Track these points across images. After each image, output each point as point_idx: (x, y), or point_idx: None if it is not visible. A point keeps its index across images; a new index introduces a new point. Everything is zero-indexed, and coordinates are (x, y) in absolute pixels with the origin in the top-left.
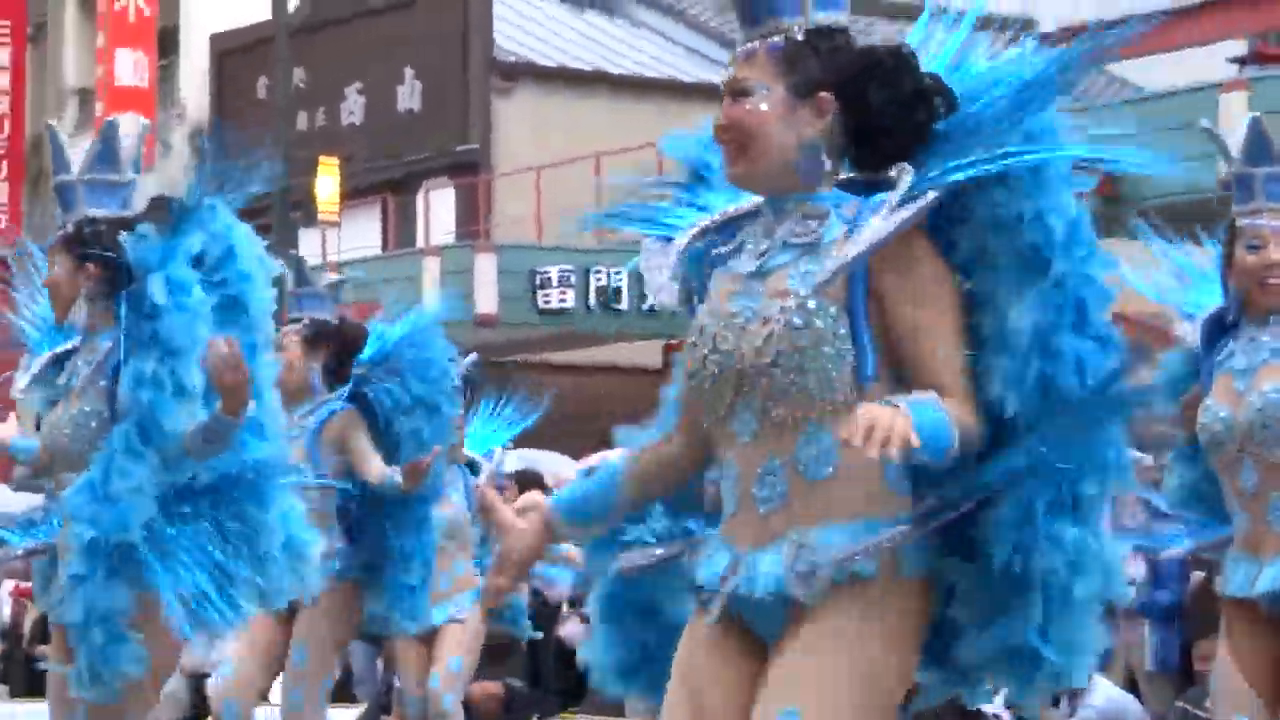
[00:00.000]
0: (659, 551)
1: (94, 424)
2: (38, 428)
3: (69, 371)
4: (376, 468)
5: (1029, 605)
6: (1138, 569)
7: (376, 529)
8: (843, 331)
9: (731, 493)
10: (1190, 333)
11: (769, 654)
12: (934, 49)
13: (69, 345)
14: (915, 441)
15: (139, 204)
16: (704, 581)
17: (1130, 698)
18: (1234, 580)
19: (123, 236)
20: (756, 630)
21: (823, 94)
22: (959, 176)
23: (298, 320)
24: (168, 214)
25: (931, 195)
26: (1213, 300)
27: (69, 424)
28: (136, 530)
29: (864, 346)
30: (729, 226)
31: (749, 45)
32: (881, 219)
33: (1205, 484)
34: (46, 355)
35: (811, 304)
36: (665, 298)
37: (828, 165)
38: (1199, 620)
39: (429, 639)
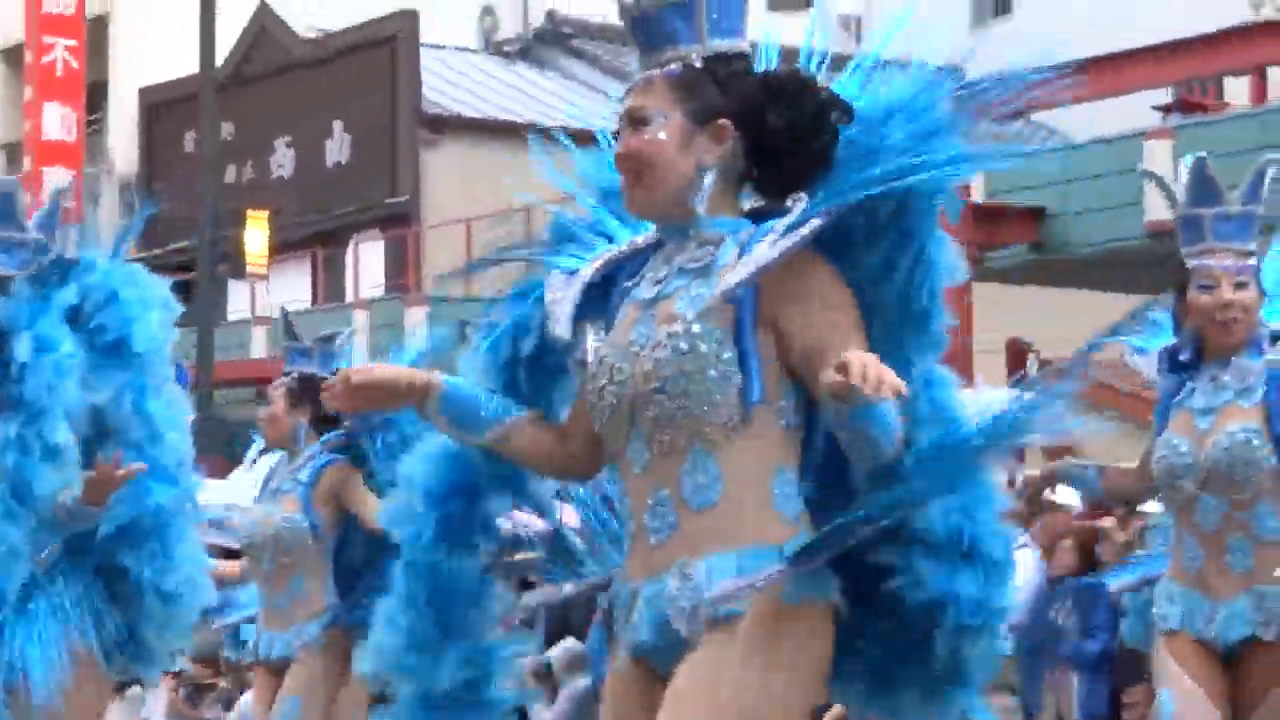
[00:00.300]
0: (567, 588)
1: None
2: None
3: None
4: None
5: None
6: (1069, 619)
7: (372, 579)
8: (728, 355)
9: (629, 527)
10: (1144, 365)
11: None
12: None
13: None
14: (905, 389)
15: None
16: (617, 629)
17: None
18: (1178, 615)
19: None
20: (657, 666)
21: (721, 120)
22: (843, 201)
23: (289, 374)
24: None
25: (816, 222)
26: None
27: None
28: (12, 595)
29: (750, 371)
30: (636, 258)
31: (647, 73)
32: (768, 245)
33: None
34: None
35: (696, 328)
36: (560, 331)
37: (725, 191)
38: (1127, 670)
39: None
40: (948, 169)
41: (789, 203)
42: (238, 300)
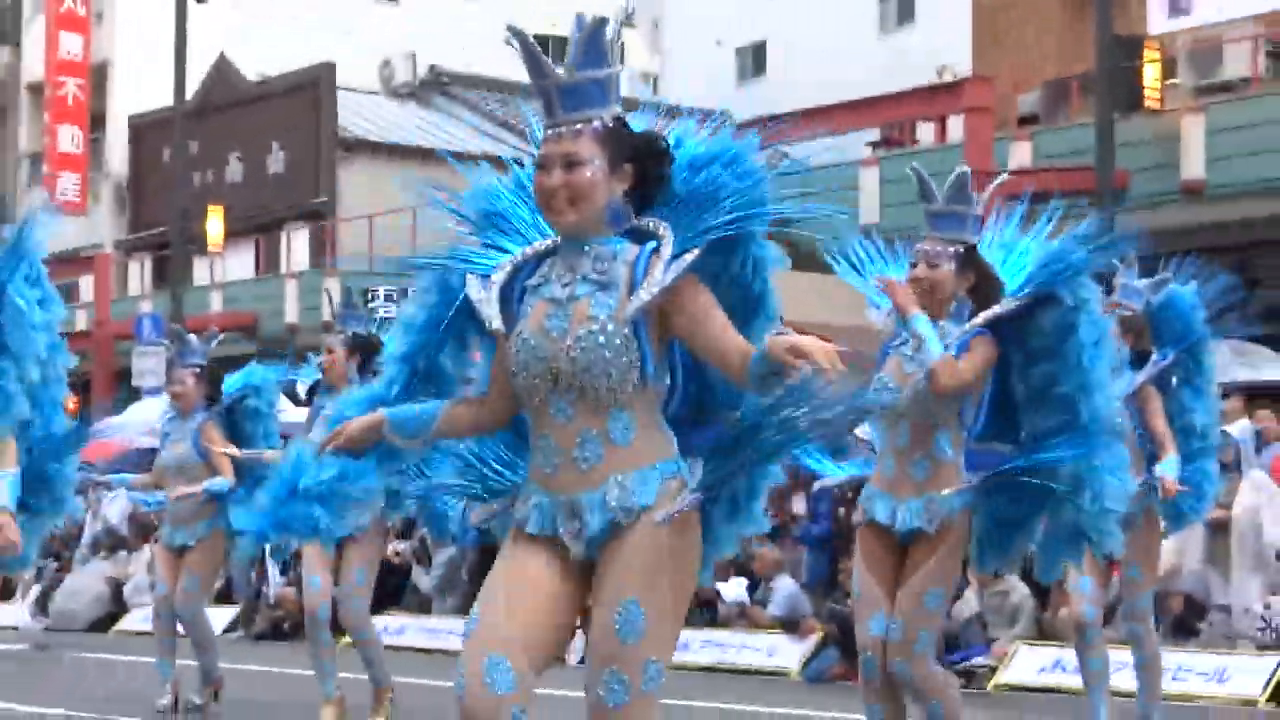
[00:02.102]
0: (495, 506)
1: None
2: None
3: None
4: None
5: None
6: (800, 505)
7: None
8: (632, 345)
9: (551, 457)
10: (879, 317)
11: (598, 565)
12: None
13: None
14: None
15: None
16: (537, 528)
17: (801, 592)
18: (873, 510)
19: None
20: (580, 553)
21: (627, 166)
22: (715, 235)
23: (342, 332)
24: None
25: (696, 252)
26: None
27: None
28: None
29: (646, 354)
30: (530, 263)
31: (575, 127)
32: (663, 271)
33: None
34: None
35: (610, 327)
36: (497, 325)
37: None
38: (844, 546)
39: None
40: (770, 214)
41: (651, 227)
42: (201, 271)
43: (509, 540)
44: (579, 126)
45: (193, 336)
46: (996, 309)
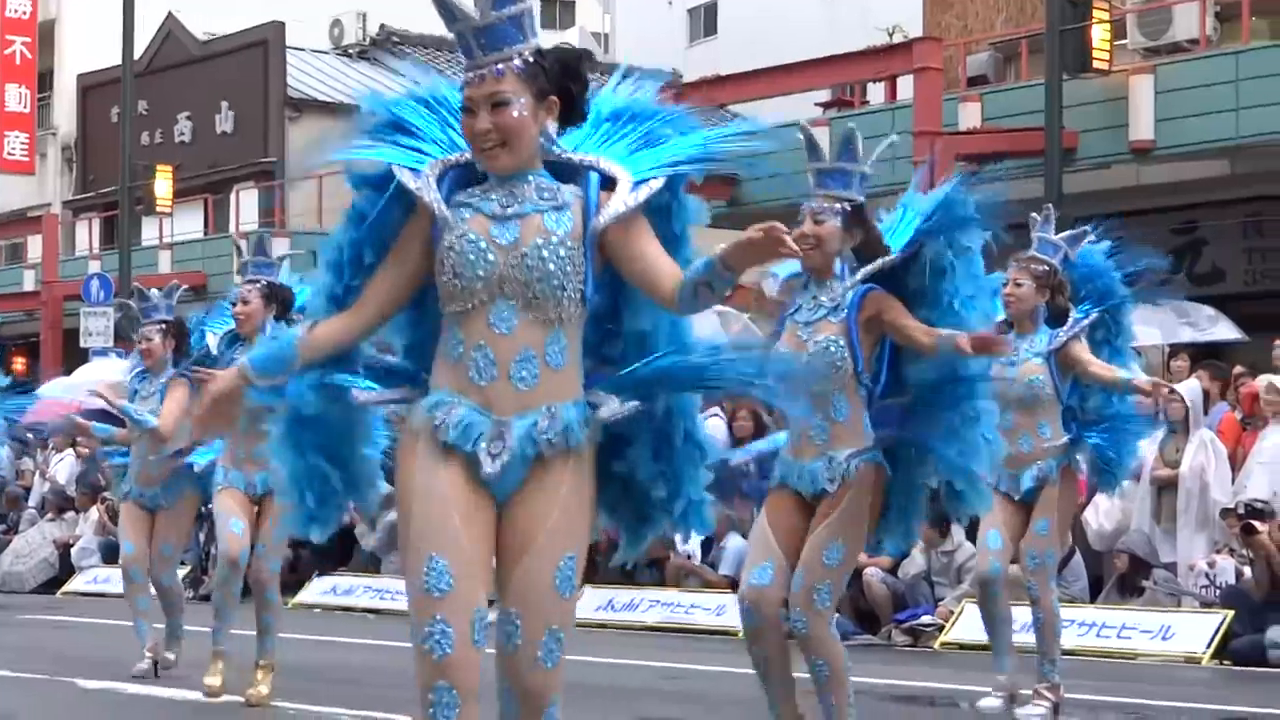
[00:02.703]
0: (390, 395)
1: None
2: None
3: None
4: None
5: (694, 472)
6: (749, 466)
7: None
8: (581, 263)
9: (487, 369)
10: (771, 287)
11: (516, 499)
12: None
13: None
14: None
15: None
16: (459, 440)
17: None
18: (779, 473)
19: None
20: (492, 473)
21: (552, 97)
22: (671, 171)
23: (255, 281)
24: None
25: (661, 180)
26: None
27: None
28: None
29: (589, 274)
30: (451, 171)
31: (498, 66)
32: (629, 194)
33: None
34: None
35: (569, 243)
36: (441, 210)
37: (553, 144)
38: None
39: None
40: (711, 160)
41: (580, 160)
42: (150, 231)
43: (419, 449)
44: (500, 66)
45: (155, 292)
46: (879, 262)
